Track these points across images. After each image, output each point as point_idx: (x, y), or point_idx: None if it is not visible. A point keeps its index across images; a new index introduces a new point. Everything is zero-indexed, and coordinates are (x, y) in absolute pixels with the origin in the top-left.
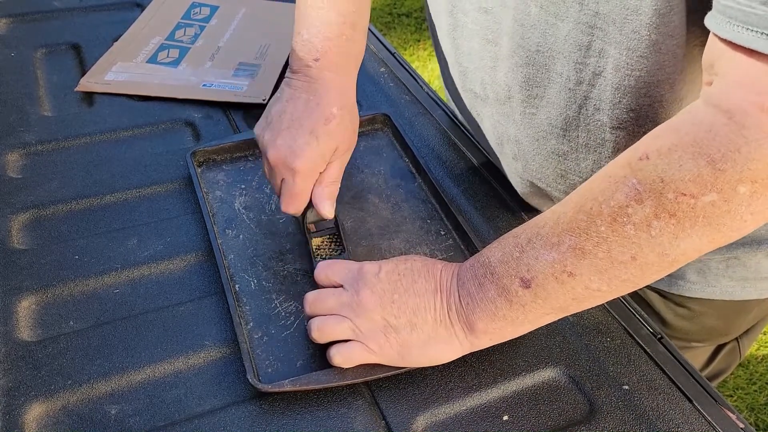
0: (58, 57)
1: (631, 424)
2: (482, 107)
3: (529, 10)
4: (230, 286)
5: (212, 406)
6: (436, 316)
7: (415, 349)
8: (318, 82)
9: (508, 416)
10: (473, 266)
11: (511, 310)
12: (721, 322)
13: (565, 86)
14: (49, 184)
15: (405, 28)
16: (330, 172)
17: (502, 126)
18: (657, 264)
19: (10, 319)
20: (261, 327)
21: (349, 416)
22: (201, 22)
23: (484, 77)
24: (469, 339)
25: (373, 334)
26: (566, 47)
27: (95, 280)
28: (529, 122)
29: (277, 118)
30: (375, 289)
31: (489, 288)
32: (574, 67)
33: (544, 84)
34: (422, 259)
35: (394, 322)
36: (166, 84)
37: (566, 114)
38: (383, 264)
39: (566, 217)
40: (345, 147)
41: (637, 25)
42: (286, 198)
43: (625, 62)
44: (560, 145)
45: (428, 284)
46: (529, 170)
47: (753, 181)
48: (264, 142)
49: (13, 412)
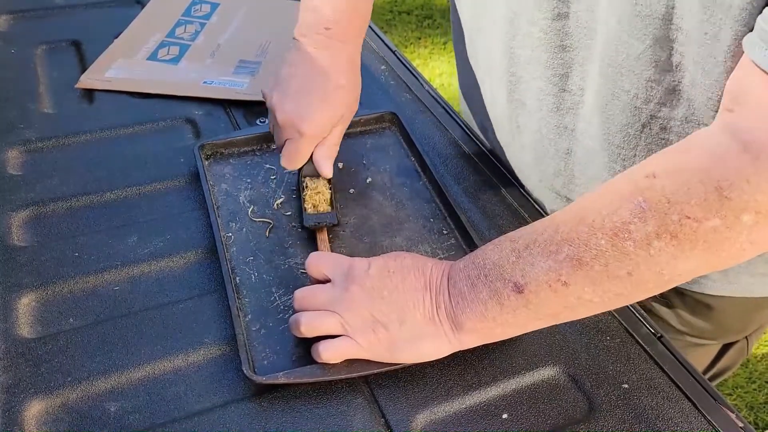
0: (58, 54)
1: (630, 423)
2: (529, 119)
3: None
4: (231, 278)
5: (212, 403)
6: (424, 313)
7: (404, 345)
8: (328, 50)
9: (507, 414)
10: (467, 266)
11: (501, 313)
12: (737, 319)
13: (632, 104)
14: (49, 181)
15: (406, 25)
16: (332, 136)
17: (549, 140)
18: (652, 282)
19: (9, 316)
20: (259, 319)
21: (348, 414)
22: (201, 19)
23: (545, 86)
24: (458, 337)
25: (361, 330)
26: (639, 65)
27: (95, 277)
28: (581, 137)
29: (287, 81)
30: (364, 285)
31: (481, 289)
32: (645, 84)
33: (608, 99)
34: (412, 256)
35: (382, 318)
36: (167, 81)
37: (627, 132)
38: (373, 260)
39: (567, 226)
40: (349, 114)
41: (714, 51)
42: (289, 156)
43: (701, 80)
44: (612, 163)
45: (418, 281)
46: (571, 186)
47: (757, 212)
48: (273, 102)
49: (12, 409)
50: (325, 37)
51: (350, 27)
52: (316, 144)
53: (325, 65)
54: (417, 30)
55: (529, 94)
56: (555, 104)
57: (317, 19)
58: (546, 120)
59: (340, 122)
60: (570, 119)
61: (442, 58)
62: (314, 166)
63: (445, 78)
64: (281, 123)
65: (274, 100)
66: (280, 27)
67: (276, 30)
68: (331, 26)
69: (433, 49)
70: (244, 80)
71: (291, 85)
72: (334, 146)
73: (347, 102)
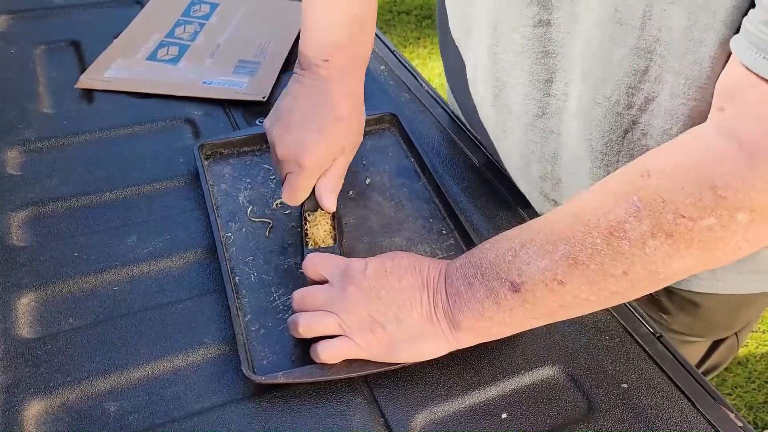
0: (57, 54)
1: (629, 423)
2: (515, 123)
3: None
4: (230, 278)
5: (211, 403)
6: (422, 312)
7: (402, 344)
8: (328, 82)
9: (506, 414)
10: (463, 265)
11: (498, 312)
12: (724, 316)
13: (613, 110)
14: (48, 181)
15: (405, 25)
16: (335, 168)
17: (534, 144)
18: (647, 280)
19: (9, 316)
20: (258, 319)
21: (348, 414)
22: (201, 19)
23: (530, 92)
24: (455, 336)
25: (359, 330)
26: (619, 71)
27: (94, 277)
28: (566, 141)
29: (287, 114)
30: (361, 286)
31: (478, 288)
32: (625, 91)
33: (590, 104)
34: (409, 256)
35: (380, 318)
36: (166, 81)
37: (609, 138)
38: (370, 261)
39: (562, 225)
40: (351, 146)
41: (699, 57)
42: (290, 190)
43: (682, 91)
44: (596, 168)
45: (415, 281)
46: (558, 190)
47: (752, 210)
48: (273, 136)
49: (12, 409)
50: (324, 69)
51: (350, 58)
52: (318, 177)
53: (325, 97)
54: (416, 30)
55: (514, 98)
56: (540, 108)
57: (316, 51)
58: (532, 124)
59: (342, 154)
60: (555, 123)
61: None
62: (316, 200)
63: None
64: (281, 157)
65: (274, 135)
66: (279, 27)
67: (275, 30)
68: (330, 58)
69: (433, 49)
70: (243, 80)
71: (291, 118)
72: (338, 178)
73: (347, 133)
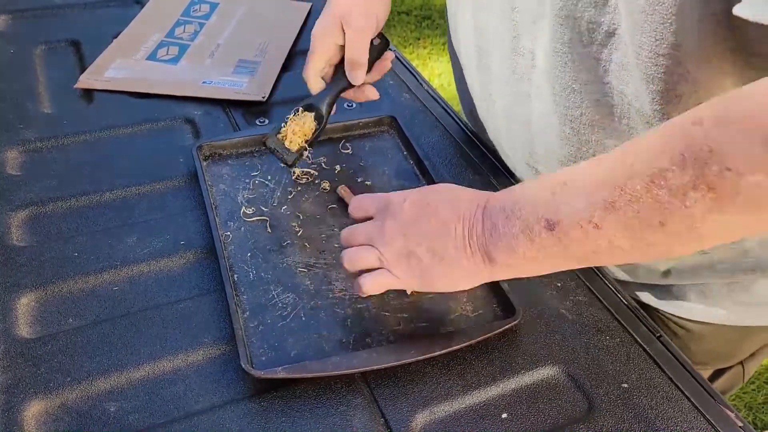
0: (57, 54)
1: (629, 423)
2: (497, 87)
3: None
4: (229, 275)
5: (211, 403)
6: (456, 243)
7: (436, 274)
8: None
9: (507, 414)
10: (503, 199)
11: (531, 249)
12: (722, 346)
13: (575, 50)
14: (48, 181)
15: (405, 26)
16: None
17: (513, 109)
18: (685, 235)
19: (9, 316)
20: (257, 316)
21: (348, 414)
22: (201, 19)
23: (502, 51)
24: (489, 269)
25: (396, 261)
26: (580, 6)
27: (94, 277)
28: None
29: None
30: (398, 218)
31: (515, 223)
32: (586, 27)
33: (554, 56)
34: (450, 189)
35: (415, 248)
36: (166, 81)
37: (571, 87)
38: (409, 193)
39: (605, 166)
40: (383, 15)
41: None
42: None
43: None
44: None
45: (452, 213)
46: (535, 157)
47: None
48: None
49: (12, 409)
50: None
51: None
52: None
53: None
54: (416, 30)
55: (492, 61)
56: (510, 68)
57: None
58: (510, 86)
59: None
60: (525, 85)
61: (442, 58)
62: (314, 99)
63: (444, 78)
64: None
65: None
66: (279, 27)
67: (275, 30)
68: None
69: (432, 50)
70: (243, 80)
71: None
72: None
73: None
